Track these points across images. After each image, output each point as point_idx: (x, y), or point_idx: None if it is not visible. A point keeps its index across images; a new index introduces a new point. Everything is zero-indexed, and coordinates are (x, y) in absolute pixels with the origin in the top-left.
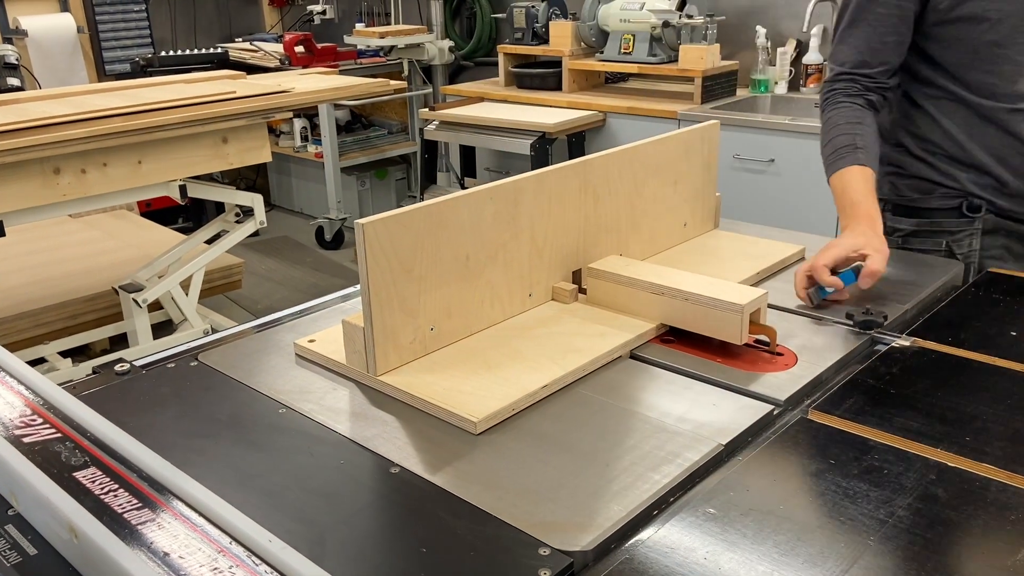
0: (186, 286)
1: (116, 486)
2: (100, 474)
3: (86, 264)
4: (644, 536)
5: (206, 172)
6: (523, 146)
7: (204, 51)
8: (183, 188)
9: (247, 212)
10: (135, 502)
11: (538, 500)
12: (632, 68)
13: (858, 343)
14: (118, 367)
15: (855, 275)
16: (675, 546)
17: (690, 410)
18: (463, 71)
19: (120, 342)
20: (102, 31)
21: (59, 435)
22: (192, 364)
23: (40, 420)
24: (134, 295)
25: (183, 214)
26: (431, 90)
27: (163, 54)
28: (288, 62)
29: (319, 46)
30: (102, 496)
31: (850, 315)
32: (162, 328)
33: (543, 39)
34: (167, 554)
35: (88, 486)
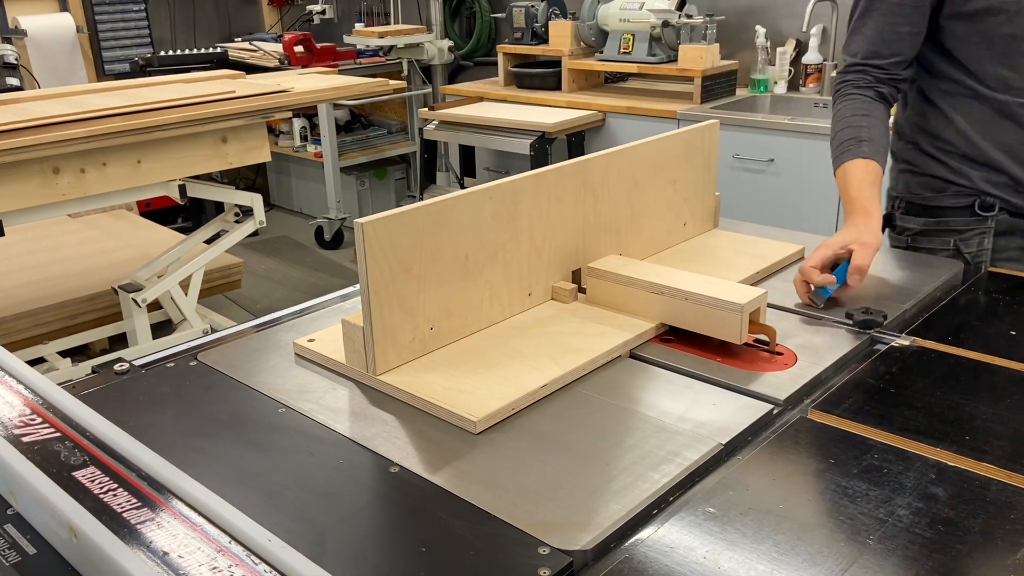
0: (185, 286)
1: (115, 485)
2: (99, 473)
3: (85, 264)
4: (644, 535)
5: (205, 172)
6: (522, 146)
7: (203, 51)
8: (182, 188)
9: (246, 212)
10: (134, 501)
11: (538, 499)
12: (632, 68)
13: (858, 342)
14: (117, 367)
15: (845, 273)
16: (675, 545)
17: (690, 409)
18: (462, 71)
19: (119, 342)
20: (101, 31)
21: (58, 434)
22: (191, 364)
23: (39, 419)
24: (133, 295)
25: (182, 214)
26: (430, 90)
27: (162, 54)
28: (287, 62)
29: (318, 46)
30: (101, 495)
31: (850, 315)
32: (161, 328)
33: (542, 39)
34: (166, 553)
35: (87, 485)
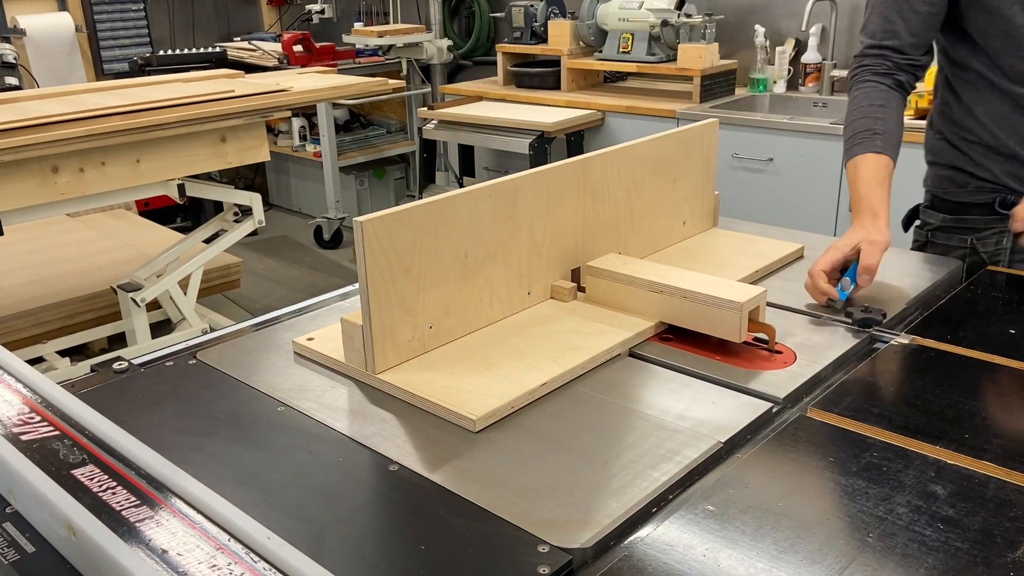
0: (184, 285)
1: (114, 484)
2: (98, 472)
3: (84, 263)
4: (643, 533)
5: (204, 171)
6: (522, 145)
7: (202, 50)
8: (181, 187)
9: (245, 211)
10: (133, 500)
11: (537, 498)
12: (631, 67)
13: (857, 341)
14: (116, 365)
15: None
16: (674, 543)
17: (689, 408)
18: (461, 70)
19: (118, 341)
20: (100, 30)
21: (57, 433)
22: (191, 362)
23: (38, 418)
24: (132, 294)
25: (181, 213)
26: (430, 89)
27: (161, 53)
28: (286, 61)
29: (317, 45)
30: (100, 494)
31: (849, 313)
32: (160, 327)
33: (542, 38)
34: (165, 551)
35: (86, 484)
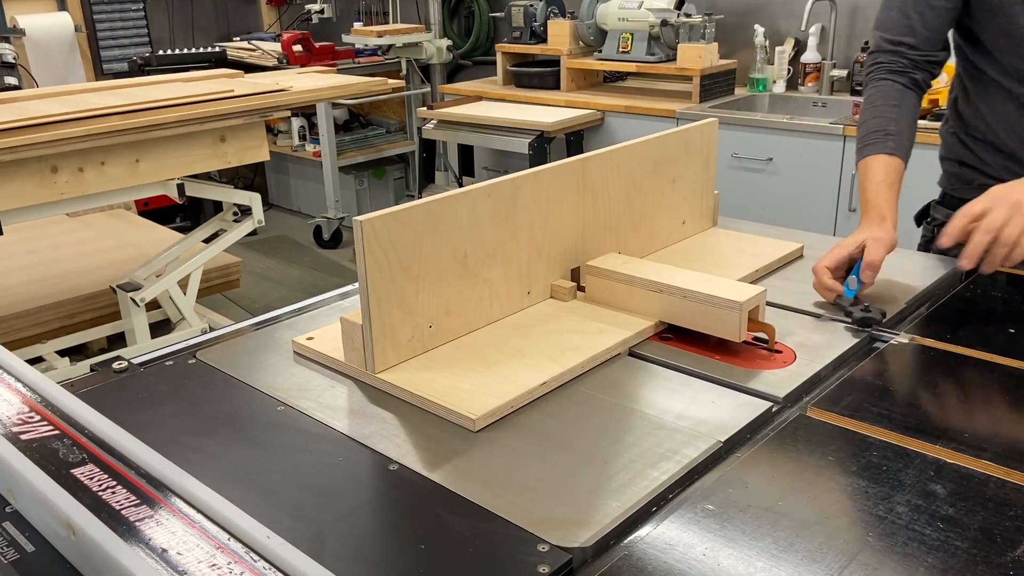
0: (184, 285)
1: (114, 483)
2: (98, 471)
3: (84, 263)
4: (643, 533)
5: (204, 171)
6: (521, 145)
7: (202, 50)
8: (181, 187)
9: (245, 211)
10: (133, 499)
11: (537, 497)
12: (630, 67)
13: (856, 340)
14: (116, 365)
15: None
16: (674, 542)
17: (689, 407)
18: (461, 70)
19: (118, 341)
20: (100, 30)
21: (57, 432)
22: (190, 362)
23: (38, 417)
24: (132, 294)
25: (181, 213)
26: (429, 89)
27: (161, 53)
28: (286, 61)
29: (317, 45)
30: (100, 493)
31: (848, 312)
32: (160, 327)
33: (541, 38)
34: (165, 550)
35: (86, 483)
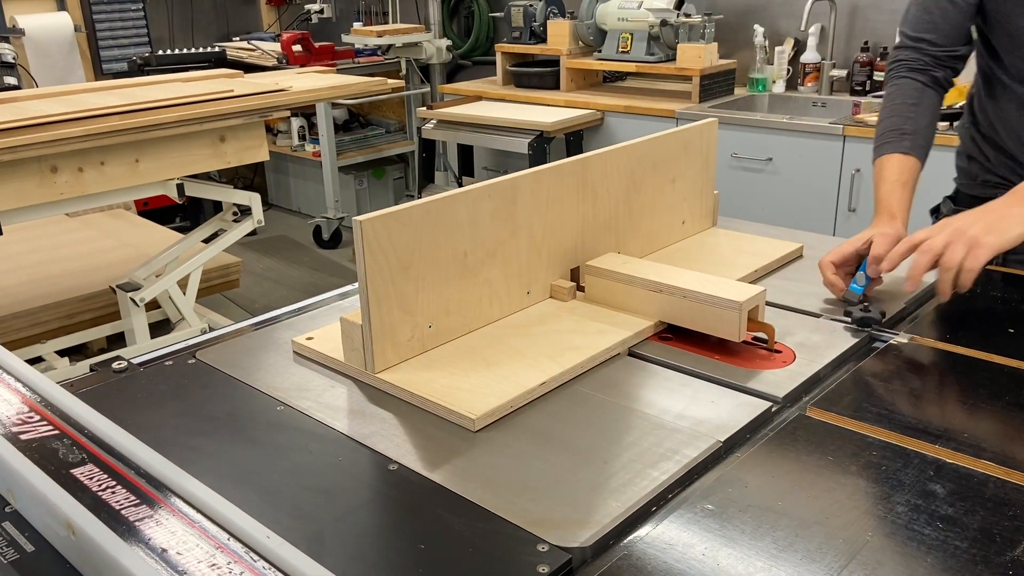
0: (184, 285)
1: (114, 483)
2: (98, 471)
3: (83, 263)
4: (642, 532)
5: (203, 171)
6: (521, 145)
7: (201, 50)
8: (180, 187)
9: (245, 211)
10: (133, 499)
11: (536, 497)
12: (630, 67)
13: (856, 340)
14: (116, 365)
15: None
16: (673, 542)
17: (688, 407)
18: (461, 70)
19: (117, 341)
20: (99, 30)
21: (56, 432)
22: (190, 362)
23: (38, 417)
24: (131, 294)
25: (180, 213)
26: (429, 89)
27: (160, 53)
28: (285, 61)
29: (316, 45)
30: (100, 493)
31: (848, 312)
32: (160, 327)
33: (541, 38)
34: (165, 550)
35: (86, 483)
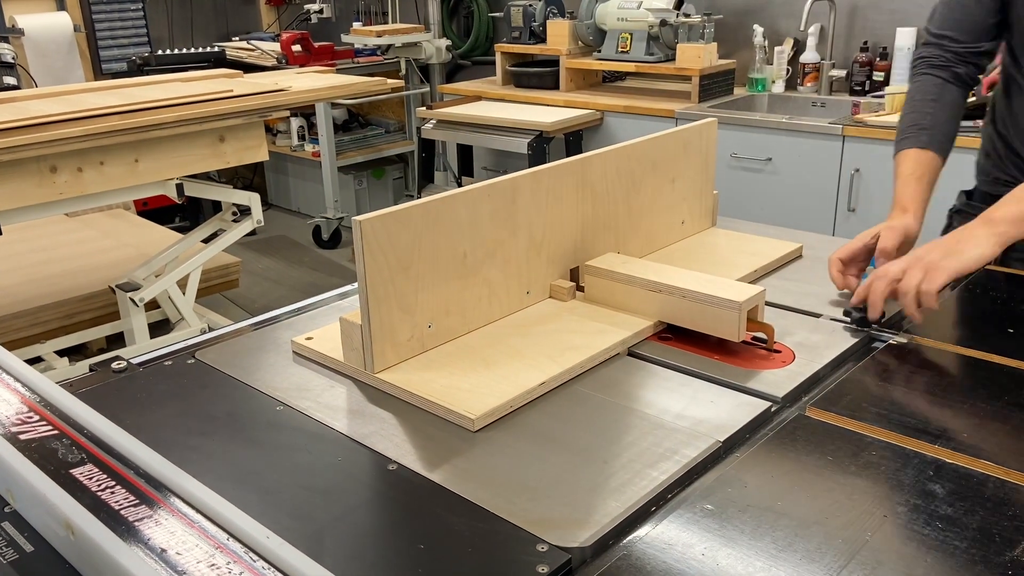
0: (183, 285)
1: (113, 483)
2: (97, 471)
3: (83, 263)
4: (642, 532)
5: (203, 171)
6: (520, 145)
7: (201, 50)
8: (180, 187)
9: (244, 211)
10: (132, 499)
11: (536, 497)
12: (629, 67)
13: (855, 340)
14: (115, 365)
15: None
16: (673, 542)
17: (688, 407)
18: (460, 70)
19: (117, 341)
20: (99, 30)
21: (56, 432)
22: (189, 362)
23: (37, 417)
24: (131, 294)
25: (180, 213)
26: (428, 89)
27: (160, 53)
28: (285, 61)
29: (316, 45)
30: (99, 493)
31: (848, 312)
32: (159, 327)
33: (540, 38)
34: (164, 550)
35: (85, 483)
